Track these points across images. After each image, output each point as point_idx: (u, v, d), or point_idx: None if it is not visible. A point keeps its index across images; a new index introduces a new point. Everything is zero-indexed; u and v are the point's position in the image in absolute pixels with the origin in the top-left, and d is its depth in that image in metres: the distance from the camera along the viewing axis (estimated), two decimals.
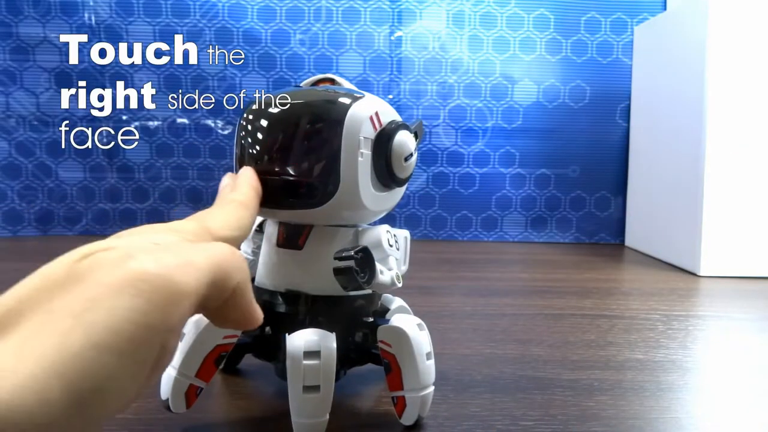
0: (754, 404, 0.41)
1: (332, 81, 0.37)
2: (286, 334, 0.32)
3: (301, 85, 0.37)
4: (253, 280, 0.38)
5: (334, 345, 0.32)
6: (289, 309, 0.36)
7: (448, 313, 0.62)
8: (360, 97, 0.34)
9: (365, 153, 0.34)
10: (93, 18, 1.06)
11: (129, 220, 1.12)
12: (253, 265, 0.38)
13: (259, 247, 0.38)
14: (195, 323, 0.34)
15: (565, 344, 0.52)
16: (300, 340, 0.32)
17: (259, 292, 0.37)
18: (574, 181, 1.15)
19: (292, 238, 0.36)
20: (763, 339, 0.56)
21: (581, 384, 0.43)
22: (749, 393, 0.43)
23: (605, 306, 0.66)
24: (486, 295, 0.71)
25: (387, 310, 0.40)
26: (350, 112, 0.33)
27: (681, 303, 0.69)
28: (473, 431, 0.35)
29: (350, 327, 0.36)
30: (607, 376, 0.45)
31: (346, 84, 0.37)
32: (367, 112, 0.34)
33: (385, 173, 0.35)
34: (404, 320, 0.35)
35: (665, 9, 1.09)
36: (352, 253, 0.31)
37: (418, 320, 0.36)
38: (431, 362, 0.35)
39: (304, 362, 0.31)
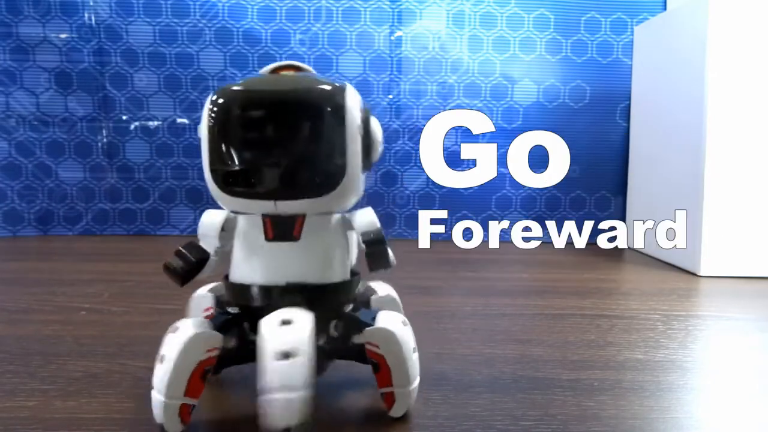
0: (754, 404, 0.41)
1: (297, 68, 0.37)
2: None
3: (260, 72, 0.37)
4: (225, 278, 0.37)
5: (310, 314, 0.32)
6: (277, 301, 0.34)
7: (448, 313, 0.62)
8: (344, 84, 0.35)
9: (358, 138, 0.34)
10: (93, 18, 1.06)
11: (129, 220, 1.12)
12: (216, 265, 0.37)
13: (222, 247, 0.37)
14: (174, 344, 0.32)
15: (565, 344, 0.52)
16: (273, 314, 0.32)
17: (242, 289, 0.35)
18: (574, 181, 1.14)
19: (285, 230, 0.35)
20: (763, 339, 0.56)
21: (581, 384, 0.43)
22: (749, 393, 0.42)
23: (605, 306, 0.66)
24: (486, 295, 0.71)
25: (368, 299, 0.41)
26: (348, 98, 0.34)
27: (681, 303, 0.69)
28: (473, 431, 0.35)
29: (330, 315, 0.36)
30: (607, 376, 0.45)
31: (312, 71, 0.37)
32: (357, 97, 0.35)
33: (366, 157, 0.35)
34: (390, 320, 0.36)
35: (665, 9, 1.09)
36: (373, 236, 0.35)
37: (402, 317, 0.36)
38: (416, 356, 0.36)
39: (280, 327, 0.30)
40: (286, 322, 0.31)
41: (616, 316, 0.62)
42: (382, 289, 0.42)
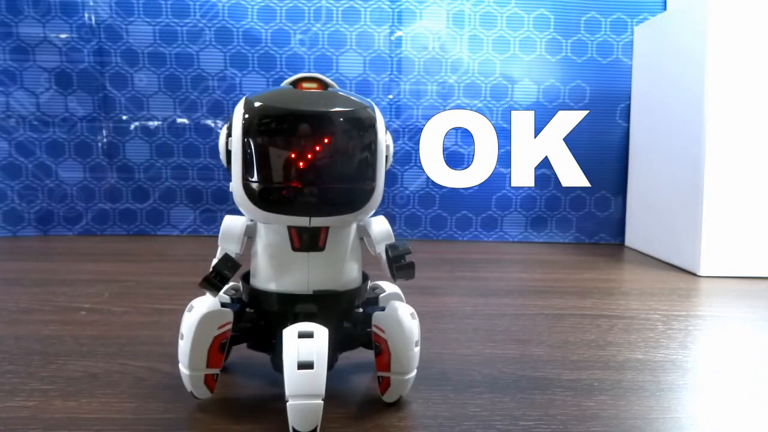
0: (754, 404, 0.41)
1: (320, 81, 0.36)
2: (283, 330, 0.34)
3: (283, 84, 0.36)
4: (246, 279, 0.39)
5: (326, 329, 0.33)
6: (301, 308, 0.36)
7: (448, 313, 0.62)
8: (371, 104, 0.36)
9: (384, 155, 0.36)
10: (93, 18, 1.06)
11: (129, 220, 1.12)
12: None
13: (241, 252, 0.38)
14: (189, 323, 0.36)
15: (565, 344, 0.52)
16: (294, 326, 0.34)
17: (266, 295, 0.37)
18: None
19: (311, 241, 0.36)
20: (763, 339, 0.56)
21: (581, 384, 0.43)
22: (749, 393, 0.42)
23: (605, 306, 0.66)
24: (486, 295, 0.71)
25: (377, 296, 0.42)
26: (378, 115, 0.36)
27: (681, 303, 0.69)
28: (473, 431, 0.35)
29: (343, 317, 0.39)
30: (607, 376, 0.45)
31: (334, 85, 0.37)
32: (381, 116, 0.36)
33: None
34: (399, 309, 0.37)
35: (665, 9, 1.09)
36: (407, 248, 0.37)
37: (411, 309, 0.38)
38: (418, 349, 0.38)
39: (299, 339, 0.32)
40: (305, 335, 0.33)
41: (616, 316, 0.62)
42: (388, 287, 0.44)
